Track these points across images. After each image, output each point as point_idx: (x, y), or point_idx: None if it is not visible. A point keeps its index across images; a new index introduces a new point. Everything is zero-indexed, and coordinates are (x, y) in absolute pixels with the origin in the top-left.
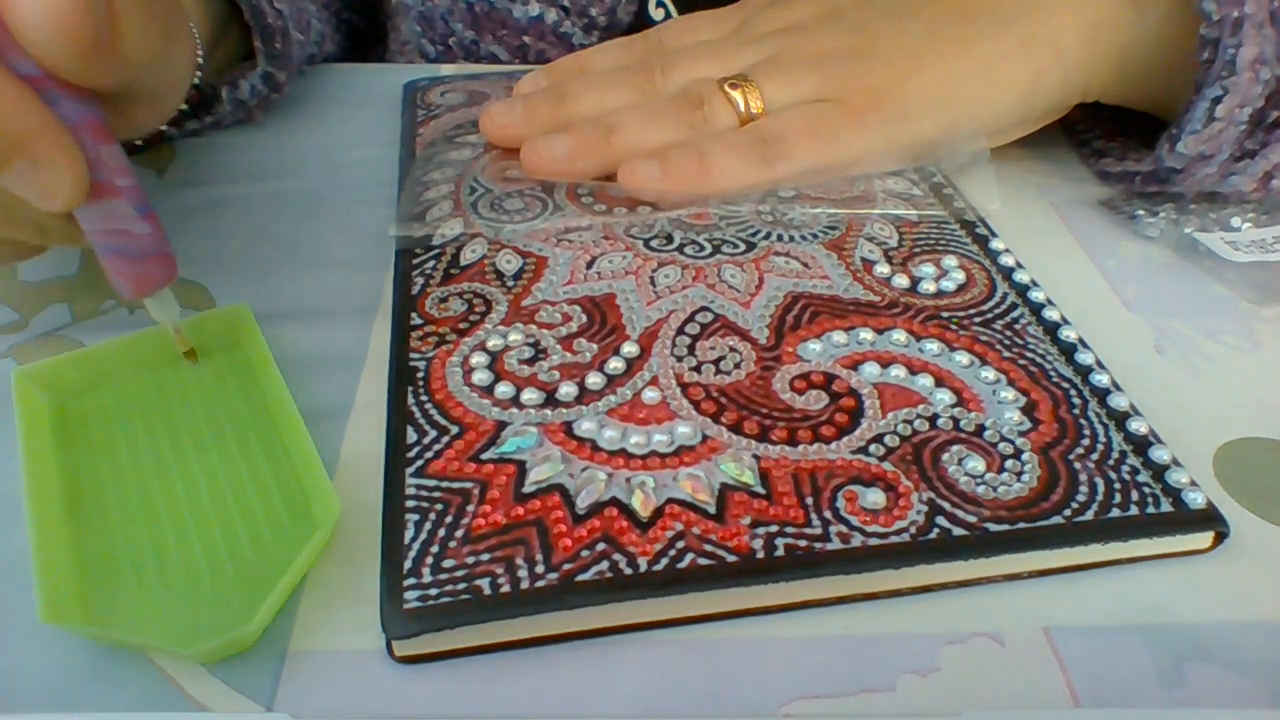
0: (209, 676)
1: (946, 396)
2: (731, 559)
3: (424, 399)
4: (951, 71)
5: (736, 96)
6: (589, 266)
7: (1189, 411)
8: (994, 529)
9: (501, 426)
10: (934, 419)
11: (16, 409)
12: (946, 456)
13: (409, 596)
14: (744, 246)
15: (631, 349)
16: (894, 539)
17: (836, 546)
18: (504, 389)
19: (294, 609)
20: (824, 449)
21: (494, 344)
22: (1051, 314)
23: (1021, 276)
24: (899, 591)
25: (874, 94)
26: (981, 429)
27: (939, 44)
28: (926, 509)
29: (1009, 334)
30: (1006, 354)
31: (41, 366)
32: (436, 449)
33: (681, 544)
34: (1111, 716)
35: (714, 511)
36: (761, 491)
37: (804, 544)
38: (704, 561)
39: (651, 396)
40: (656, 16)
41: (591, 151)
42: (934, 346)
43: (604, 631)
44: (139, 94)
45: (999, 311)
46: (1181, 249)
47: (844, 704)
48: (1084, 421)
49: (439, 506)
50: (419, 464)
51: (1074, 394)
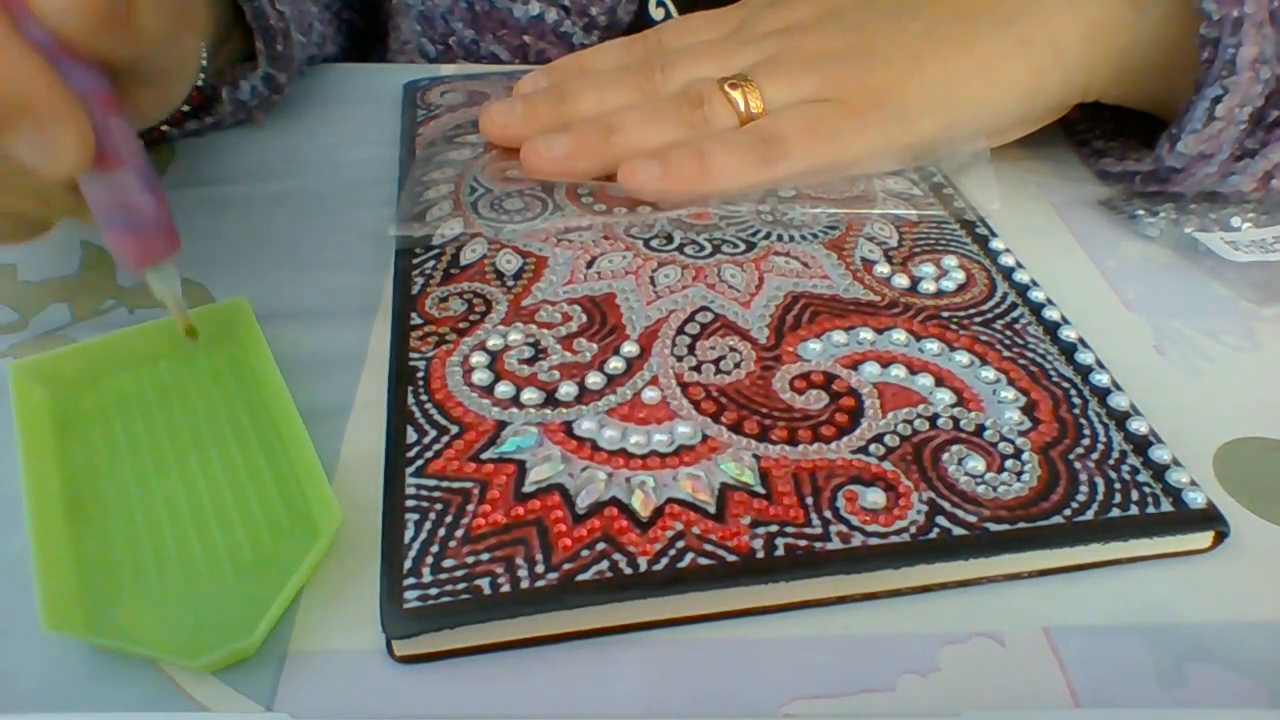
0: (209, 677)
1: (946, 396)
2: (731, 559)
3: (424, 399)
4: (951, 72)
5: (736, 96)
6: (589, 266)
7: (1189, 411)
8: (994, 529)
9: (501, 426)
10: (934, 419)
11: (14, 403)
12: (946, 456)
13: (409, 596)
14: (744, 246)
15: (631, 349)
16: (894, 539)
17: (836, 546)
18: (504, 389)
19: (294, 609)
20: (824, 449)
21: (494, 344)
22: (1051, 314)
23: (1021, 276)
24: (899, 591)
25: (874, 94)
26: (981, 429)
27: (939, 44)
28: (926, 509)
29: (1009, 334)
30: (1006, 354)
31: (39, 360)
32: (436, 449)
33: (681, 544)
34: (1111, 716)
35: (714, 511)
36: (761, 491)
37: (804, 544)
38: (704, 561)
39: (651, 396)
40: (656, 16)
41: (591, 151)
42: (934, 346)
43: (604, 631)
44: (148, 75)
45: (999, 311)
46: (1181, 249)
47: (844, 704)
48: (1084, 421)
49: (439, 506)
50: (419, 464)
51: (1074, 394)
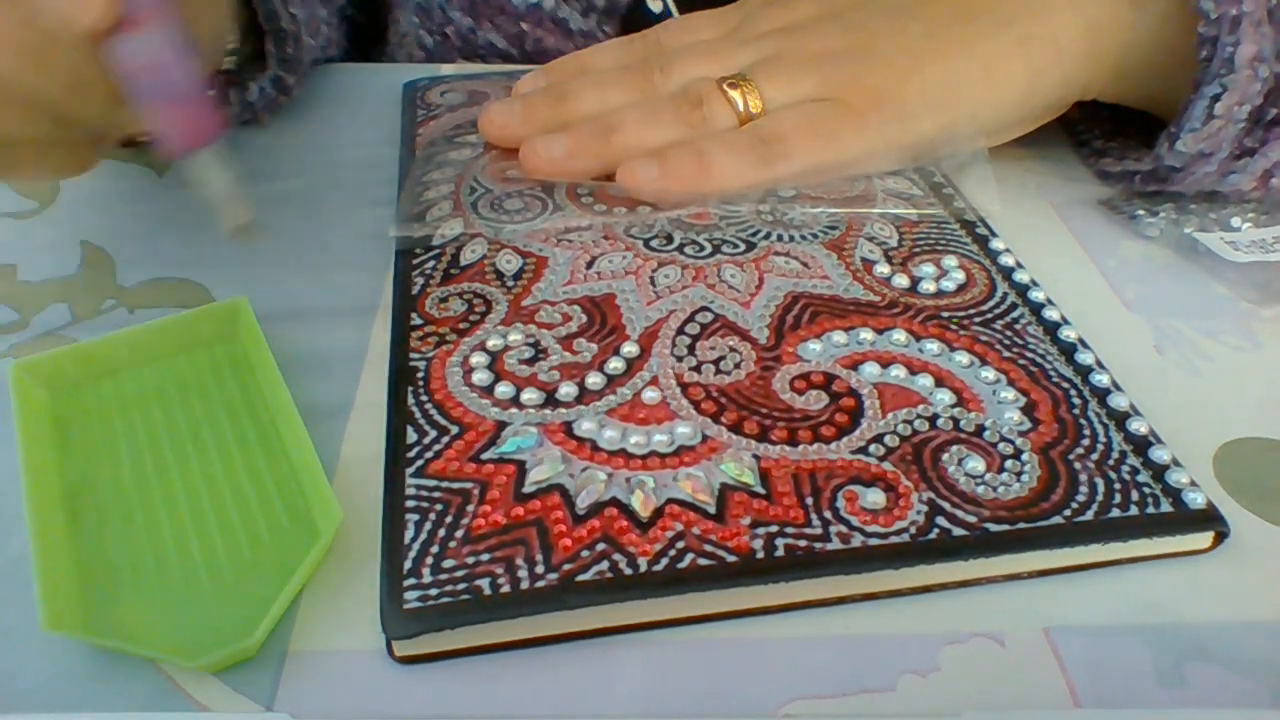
0: (209, 677)
1: (946, 396)
2: (731, 559)
3: (424, 399)
4: (951, 71)
5: (735, 96)
6: (589, 266)
7: (1189, 411)
8: (994, 529)
9: (501, 426)
10: (934, 419)
11: (14, 403)
12: (946, 456)
13: (409, 596)
14: (744, 246)
15: (631, 349)
16: (894, 539)
17: (836, 546)
18: (504, 389)
19: (294, 609)
20: (824, 449)
21: (494, 344)
22: (1051, 314)
23: (1021, 276)
24: (899, 591)
25: (873, 94)
26: (981, 429)
27: (938, 44)
28: (926, 509)
29: (1009, 334)
30: (1006, 354)
31: (39, 360)
32: (436, 449)
33: (681, 544)
34: (1111, 717)
35: (714, 511)
36: (761, 491)
37: (804, 544)
38: (704, 561)
39: (651, 396)
40: (654, 5)
41: (591, 151)
42: (934, 346)
43: (604, 631)
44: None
45: (999, 311)
46: (1181, 249)
47: (844, 704)
48: (1084, 421)
49: (439, 506)
50: (419, 464)
51: (1074, 394)
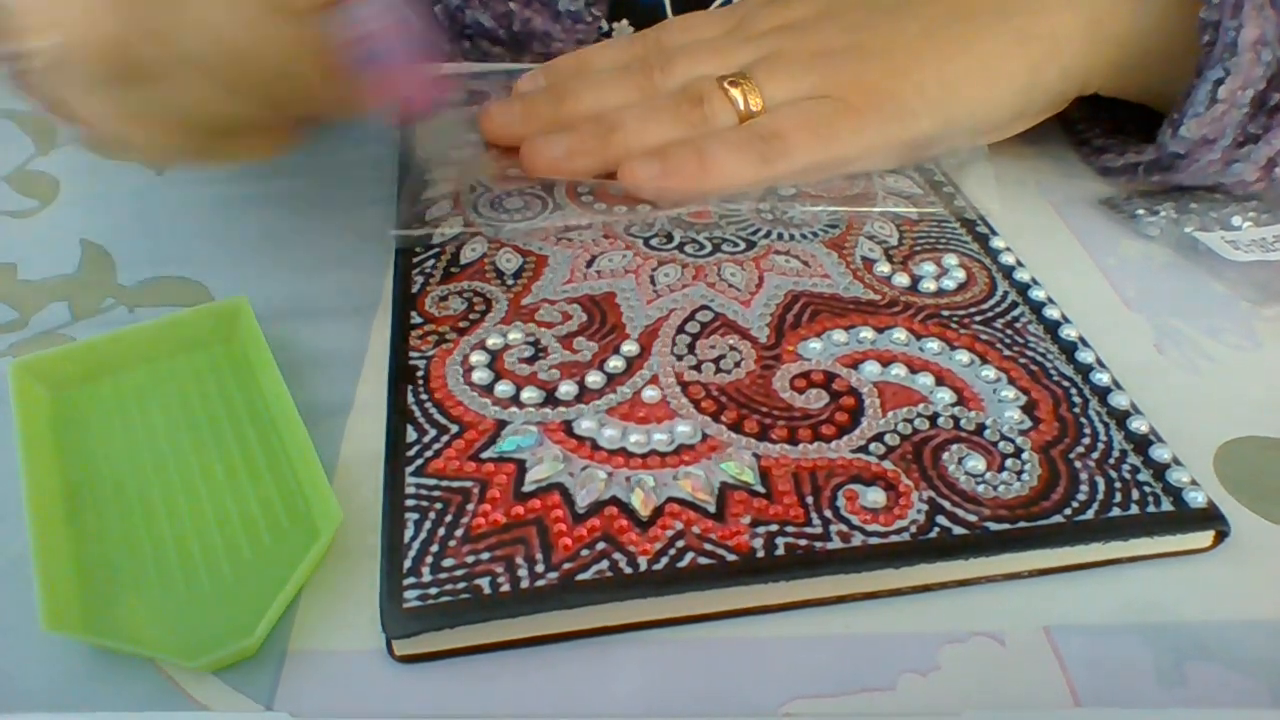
0: (209, 676)
1: (947, 395)
2: (731, 558)
3: (424, 398)
4: (949, 69)
5: (736, 94)
6: (589, 265)
7: (1189, 410)
8: (994, 528)
9: (501, 425)
10: (934, 418)
11: (14, 401)
12: (947, 455)
13: (409, 596)
14: (744, 245)
15: (631, 348)
16: (894, 538)
17: (837, 546)
18: (504, 388)
19: (294, 608)
20: (824, 448)
21: (494, 343)
22: (1052, 312)
23: (1022, 275)
24: (899, 591)
25: (872, 92)
26: (982, 428)
27: (937, 41)
28: (927, 508)
29: (1009, 333)
30: (1007, 353)
31: (39, 359)
32: (436, 448)
33: (681, 543)
34: (1111, 716)
35: (714, 510)
36: (761, 490)
37: (804, 543)
38: (704, 561)
39: (651, 395)
40: None
41: (591, 150)
42: (934, 345)
43: (604, 631)
44: None
45: (999, 310)
46: (1182, 248)
47: (844, 704)
48: (1084, 420)
49: (439, 506)
50: (419, 463)
51: (1074, 393)
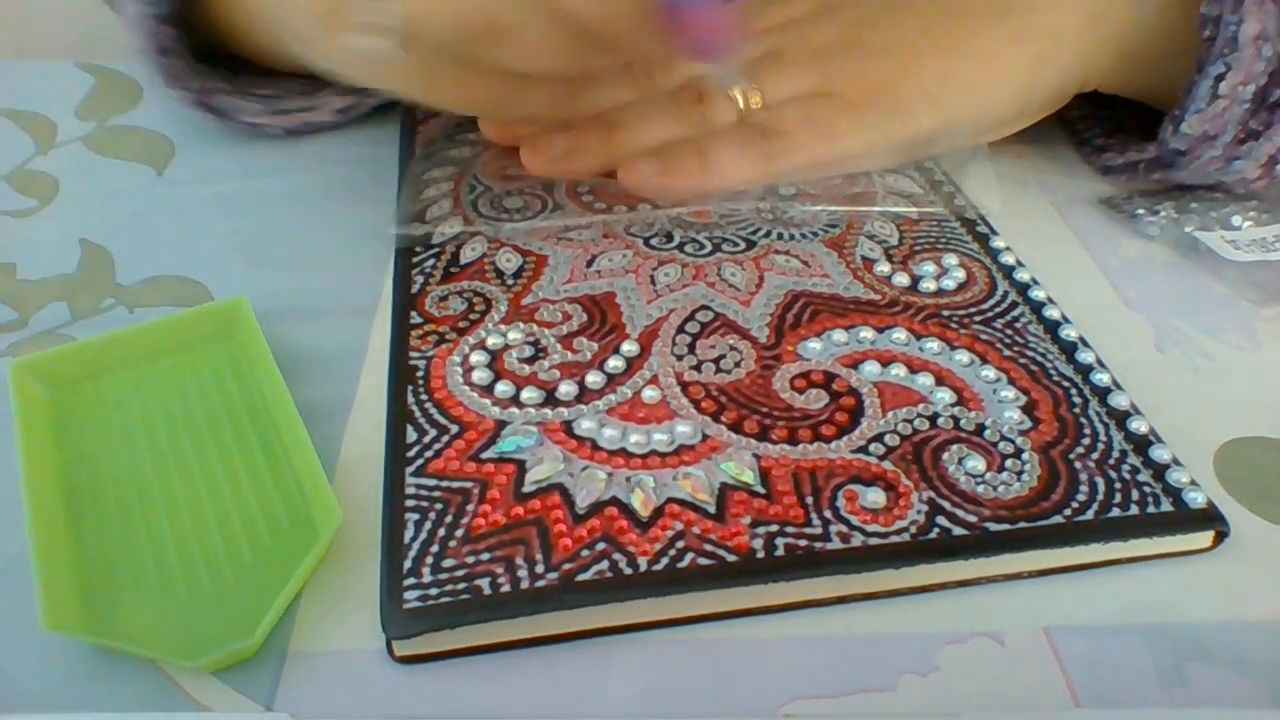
0: (209, 676)
1: (947, 395)
2: (731, 559)
3: (424, 398)
4: (949, 65)
5: (735, 92)
6: (589, 265)
7: (1189, 410)
8: (994, 528)
9: (501, 425)
10: (934, 418)
11: (14, 401)
12: (947, 456)
13: (409, 596)
14: (744, 245)
15: (631, 348)
16: (894, 538)
17: (836, 546)
18: (504, 388)
19: (294, 609)
20: (824, 448)
21: (494, 343)
22: (1052, 313)
23: (1022, 275)
24: (899, 591)
25: (872, 89)
26: (982, 428)
27: (936, 38)
28: (927, 508)
29: (1009, 333)
30: (1007, 353)
31: (39, 358)
32: (436, 448)
33: (681, 543)
34: (1111, 716)
35: (714, 511)
36: (761, 491)
37: (804, 543)
38: (704, 561)
39: (651, 395)
40: None
41: (590, 149)
42: (934, 345)
43: (604, 631)
44: None
45: (999, 310)
46: (1182, 248)
47: (844, 704)
48: (1084, 420)
49: (439, 506)
50: (419, 463)
51: (1074, 393)
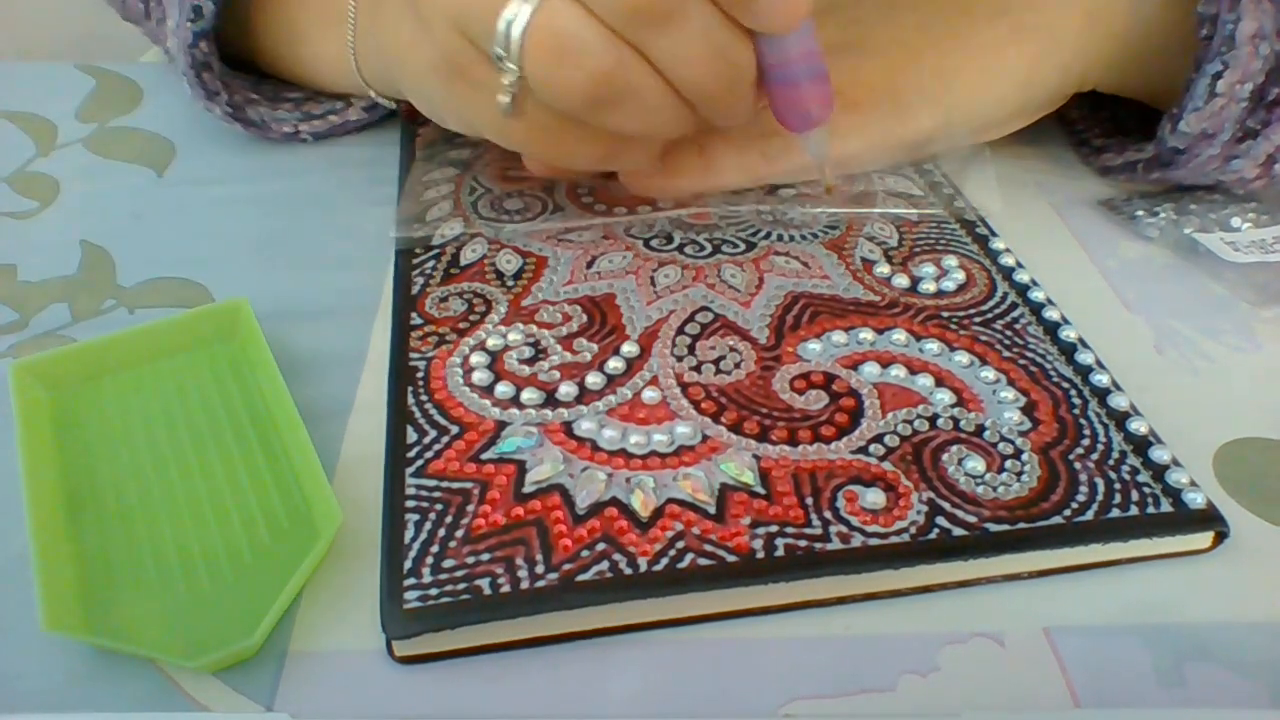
0: (209, 676)
1: (946, 396)
2: (731, 559)
3: (424, 399)
4: (947, 63)
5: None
6: (589, 266)
7: (1189, 411)
8: (994, 529)
9: (501, 426)
10: (934, 419)
11: (14, 402)
12: (946, 456)
13: (409, 596)
14: (744, 246)
15: (631, 349)
16: (894, 539)
17: (836, 546)
18: (504, 389)
19: (294, 609)
20: (824, 449)
21: (494, 344)
22: (1051, 314)
23: (1022, 276)
24: (899, 591)
25: (871, 88)
26: (981, 429)
27: (935, 37)
28: (926, 509)
29: (1009, 334)
30: (1006, 354)
31: (39, 360)
32: (436, 449)
33: (681, 544)
34: (1111, 716)
35: (714, 511)
36: (761, 491)
37: (804, 544)
38: (704, 561)
39: (651, 396)
40: None
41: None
42: (934, 346)
43: (604, 631)
44: None
45: (999, 311)
46: (1181, 249)
47: (844, 704)
48: (1084, 421)
49: (439, 506)
50: (419, 464)
51: (1074, 394)
